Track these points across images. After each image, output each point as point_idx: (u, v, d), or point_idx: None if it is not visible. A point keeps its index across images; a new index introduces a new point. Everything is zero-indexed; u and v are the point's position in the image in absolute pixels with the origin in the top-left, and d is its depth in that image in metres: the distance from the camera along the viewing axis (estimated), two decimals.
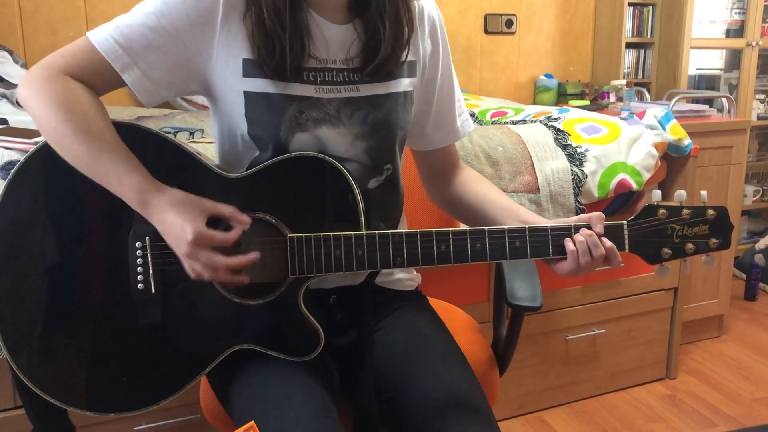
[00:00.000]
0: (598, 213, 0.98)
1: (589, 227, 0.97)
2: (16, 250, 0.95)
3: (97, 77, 0.95)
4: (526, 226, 0.97)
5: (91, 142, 0.90)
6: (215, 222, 0.92)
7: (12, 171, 0.95)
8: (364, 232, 0.96)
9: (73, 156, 0.92)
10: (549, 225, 0.98)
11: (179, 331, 0.96)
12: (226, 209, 0.93)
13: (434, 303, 1.24)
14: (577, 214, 1.95)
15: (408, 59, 1.06)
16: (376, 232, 0.96)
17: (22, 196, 0.95)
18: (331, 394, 0.98)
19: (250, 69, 0.97)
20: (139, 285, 0.96)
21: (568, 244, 0.96)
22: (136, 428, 1.63)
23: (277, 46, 0.94)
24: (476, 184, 1.18)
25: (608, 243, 0.97)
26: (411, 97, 1.08)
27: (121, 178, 0.91)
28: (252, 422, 0.87)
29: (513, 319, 1.26)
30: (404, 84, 1.06)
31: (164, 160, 0.97)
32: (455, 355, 1.08)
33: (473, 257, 0.97)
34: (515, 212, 1.08)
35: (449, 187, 1.20)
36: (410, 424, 0.98)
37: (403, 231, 0.96)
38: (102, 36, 0.94)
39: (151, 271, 0.95)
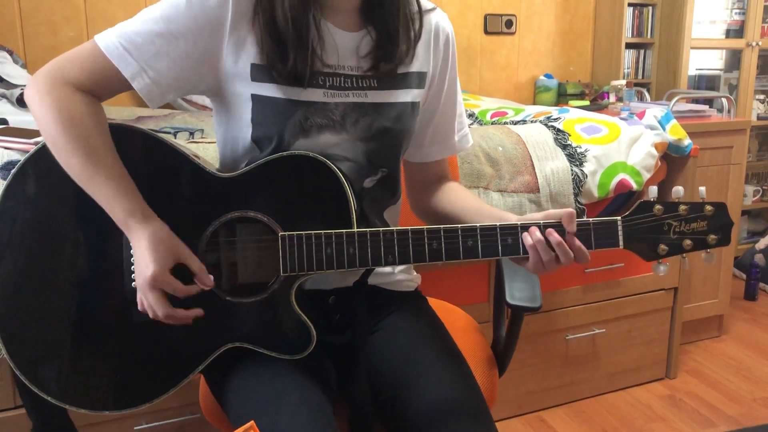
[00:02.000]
0: (569, 210, 0.95)
1: (561, 225, 0.95)
2: (13, 249, 0.95)
3: (104, 84, 0.95)
4: (518, 223, 0.96)
5: (88, 159, 0.91)
6: (183, 270, 0.93)
7: (12, 172, 0.95)
8: (356, 230, 0.96)
9: (69, 169, 0.92)
10: (542, 222, 0.95)
11: (172, 330, 0.96)
12: (195, 265, 0.94)
13: (434, 303, 1.24)
14: (577, 214, 1.95)
15: (419, 70, 1.07)
16: (367, 230, 0.96)
17: (21, 196, 0.95)
18: (327, 394, 0.98)
19: (258, 74, 0.97)
20: (133, 284, 0.96)
21: (527, 240, 0.95)
22: (136, 428, 1.63)
23: (290, 55, 0.95)
24: (455, 194, 1.16)
25: (577, 243, 0.95)
26: (417, 109, 1.09)
27: (112, 201, 0.92)
28: (252, 422, 0.87)
29: (513, 319, 1.26)
30: (412, 94, 1.07)
31: (157, 161, 0.97)
32: (454, 356, 1.08)
33: (465, 254, 0.96)
34: (486, 213, 1.06)
35: (430, 197, 1.18)
36: (408, 426, 0.98)
37: (395, 228, 0.96)
38: (111, 42, 0.94)
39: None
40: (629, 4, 3.27)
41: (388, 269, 1.14)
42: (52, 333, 0.96)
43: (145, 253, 0.90)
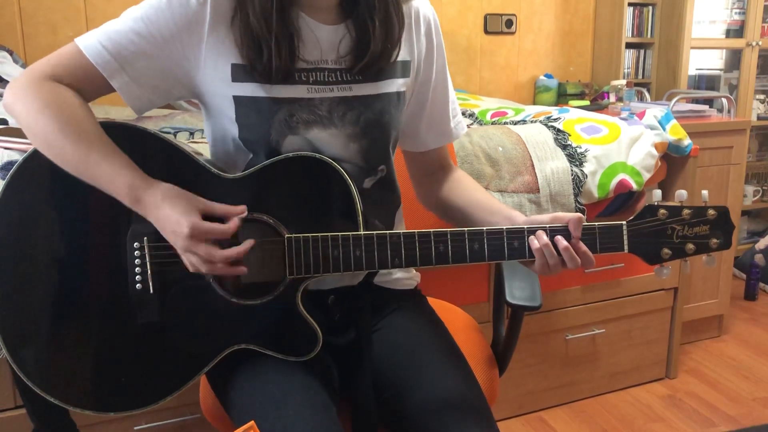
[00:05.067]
0: (578, 215, 0.96)
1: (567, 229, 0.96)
2: (15, 250, 0.95)
3: (84, 83, 0.95)
4: (525, 226, 0.97)
5: (80, 142, 0.90)
6: (209, 220, 0.92)
7: (11, 171, 0.95)
8: (362, 232, 0.96)
9: (62, 158, 0.92)
10: (548, 227, 0.96)
11: (177, 331, 0.96)
12: (219, 206, 0.93)
13: (434, 303, 1.24)
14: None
15: (402, 59, 1.06)
16: (374, 232, 0.96)
17: (20, 195, 0.95)
18: (330, 394, 0.98)
19: (239, 74, 0.97)
20: (138, 285, 0.96)
21: (533, 243, 0.95)
22: (135, 428, 1.63)
23: (265, 50, 0.94)
24: (461, 185, 1.17)
25: (583, 248, 0.95)
26: (404, 98, 1.08)
27: (113, 177, 0.91)
28: (252, 422, 0.87)
29: (513, 318, 1.26)
30: (397, 84, 1.06)
31: (161, 160, 0.97)
32: (454, 355, 1.08)
33: (471, 258, 0.96)
34: (491, 210, 1.07)
35: (438, 189, 1.19)
36: (410, 425, 0.98)
37: (401, 231, 0.96)
38: (90, 42, 0.94)
39: (149, 271, 0.95)
40: (629, 4, 3.27)
41: None
42: (54, 334, 0.96)
43: (171, 213, 0.89)
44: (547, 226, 0.96)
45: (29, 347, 0.95)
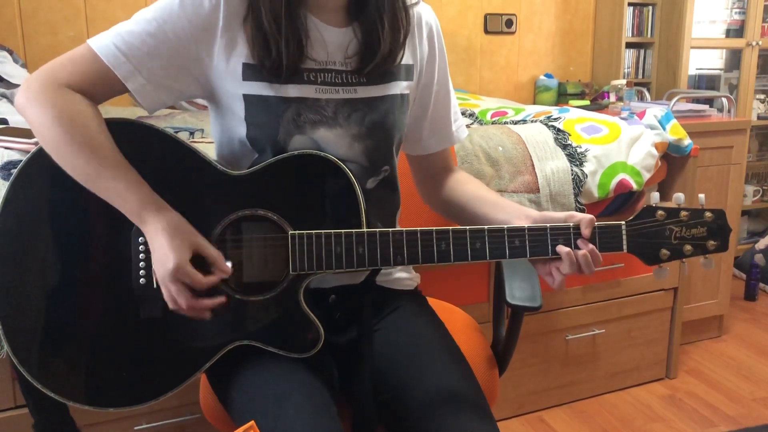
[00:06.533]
0: (590, 216, 0.97)
1: (578, 229, 0.97)
2: (19, 246, 0.95)
3: (98, 85, 0.95)
4: (525, 225, 0.98)
5: (92, 157, 0.91)
6: (200, 259, 0.93)
7: (16, 168, 0.95)
8: (365, 230, 0.97)
9: (72, 169, 0.92)
10: (548, 226, 0.98)
11: (180, 327, 0.96)
12: (213, 253, 0.93)
13: (434, 303, 1.24)
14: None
15: (405, 63, 1.08)
16: (377, 230, 0.96)
17: (26, 192, 0.95)
18: (330, 393, 0.99)
19: (249, 72, 0.98)
20: (141, 280, 0.96)
21: (563, 250, 0.96)
22: (135, 428, 1.63)
23: (274, 48, 0.95)
24: (464, 184, 1.19)
25: (590, 248, 0.96)
26: (407, 100, 1.10)
27: (122, 195, 0.91)
28: (252, 422, 0.87)
29: (513, 319, 1.26)
30: (401, 87, 1.07)
31: (167, 156, 0.97)
32: (455, 355, 1.08)
33: (473, 256, 0.97)
34: (500, 205, 1.09)
35: (441, 189, 1.20)
36: (410, 425, 0.98)
37: (404, 229, 0.97)
38: (103, 43, 0.94)
39: (152, 267, 0.96)
40: (629, 4, 3.27)
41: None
42: (57, 330, 0.96)
43: (164, 244, 0.90)
44: (548, 225, 0.97)
45: (32, 342, 0.95)
